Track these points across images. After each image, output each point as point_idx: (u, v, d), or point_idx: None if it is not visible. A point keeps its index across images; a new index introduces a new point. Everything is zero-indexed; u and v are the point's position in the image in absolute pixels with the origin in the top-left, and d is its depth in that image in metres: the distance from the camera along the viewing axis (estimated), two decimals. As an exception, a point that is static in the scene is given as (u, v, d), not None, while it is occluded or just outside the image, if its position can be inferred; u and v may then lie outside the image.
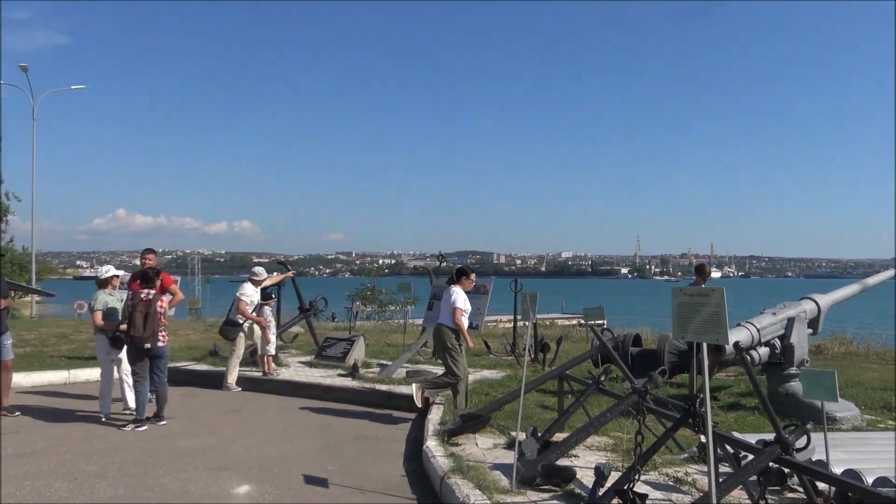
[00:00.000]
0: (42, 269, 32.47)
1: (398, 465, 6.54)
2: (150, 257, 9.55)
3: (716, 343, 3.97)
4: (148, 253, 9.57)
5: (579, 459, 6.17)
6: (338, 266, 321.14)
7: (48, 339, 14.60)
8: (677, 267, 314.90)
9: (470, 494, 4.95)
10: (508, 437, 6.92)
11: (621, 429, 7.26)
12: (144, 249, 9.67)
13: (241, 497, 5.49)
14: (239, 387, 10.58)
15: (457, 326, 8.13)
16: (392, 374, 10.78)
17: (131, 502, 5.31)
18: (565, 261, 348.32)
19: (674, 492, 5.30)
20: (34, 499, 5.32)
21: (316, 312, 14.55)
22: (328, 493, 5.61)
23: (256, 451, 6.97)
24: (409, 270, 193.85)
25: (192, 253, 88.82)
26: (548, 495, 5.13)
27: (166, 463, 6.43)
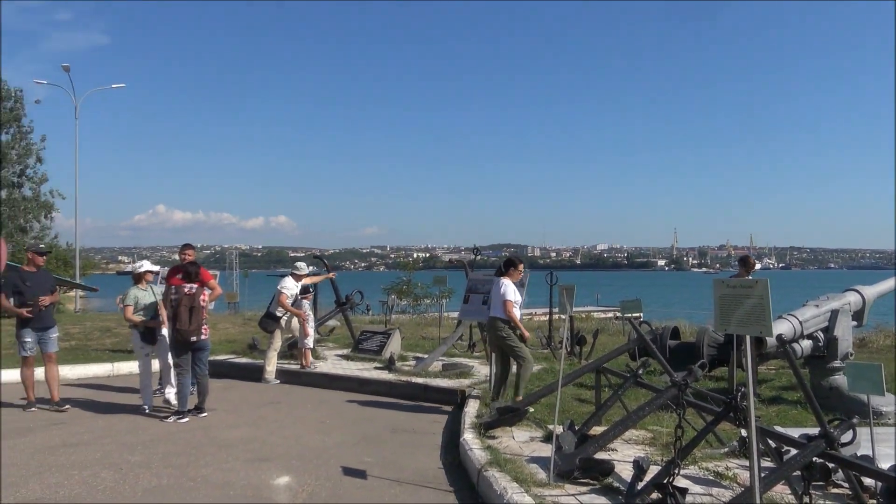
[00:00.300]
0: (85, 265, 33.24)
1: (435, 458, 6.57)
2: (190, 252, 9.57)
3: (759, 336, 3.89)
4: (187, 248, 9.62)
5: (617, 453, 6.12)
6: (372, 260, 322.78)
7: (92, 333, 14.96)
8: (715, 259, 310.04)
9: (507, 487, 4.95)
10: (545, 431, 6.90)
11: (659, 423, 7.19)
12: (183, 245, 9.73)
13: (281, 488, 5.57)
14: (277, 379, 10.72)
15: (509, 318, 8.08)
16: (428, 367, 10.82)
17: (175, 492, 5.41)
18: (601, 253, 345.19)
19: (714, 486, 5.23)
20: (81, 488, 5.46)
21: (352, 306, 14.66)
22: (366, 485, 5.65)
23: (295, 442, 7.06)
24: (443, 264, 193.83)
25: (230, 248, 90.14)
26: (586, 489, 5.10)
27: (208, 454, 6.54)
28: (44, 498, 5.21)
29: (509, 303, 8.09)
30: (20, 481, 5.59)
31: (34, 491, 5.37)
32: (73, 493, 5.32)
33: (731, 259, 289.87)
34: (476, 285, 9.91)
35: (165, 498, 5.26)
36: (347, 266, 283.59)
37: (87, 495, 5.29)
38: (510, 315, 8.07)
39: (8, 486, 5.45)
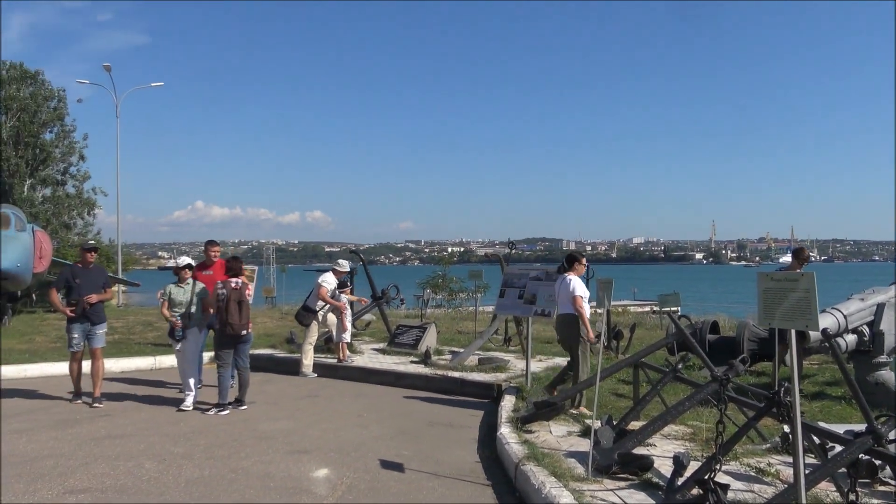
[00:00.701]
0: (127, 261, 33.89)
1: (472, 452, 6.58)
2: (216, 249, 9.60)
3: (804, 330, 3.81)
4: (212, 245, 9.61)
5: (656, 448, 6.06)
6: (407, 254, 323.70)
7: (135, 327, 15.28)
8: (755, 251, 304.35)
9: (545, 481, 4.93)
10: (583, 425, 6.86)
11: (699, 418, 7.10)
12: (208, 242, 9.70)
13: (320, 480, 5.62)
14: (315, 373, 10.83)
15: (579, 315, 7.93)
16: (464, 361, 10.83)
17: (217, 483, 5.50)
18: (637, 246, 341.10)
19: (756, 483, 5.15)
20: (127, 478, 5.58)
21: (388, 300, 14.72)
22: (404, 478, 5.68)
23: (334, 435, 7.12)
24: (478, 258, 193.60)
25: (267, 243, 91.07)
26: (625, 484, 5.06)
27: (248, 446, 6.64)
28: (91, 487, 5.34)
29: (579, 298, 7.91)
30: (68, 471, 5.74)
31: (81, 480, 5.50)
32: (118, 484, 5.44)
33: (770, 252, 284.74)
34: (512, 279, 9.89)
35: (208, 489, 5.35)
36: (382, 260, 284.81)
37: (132, 485, 5.40)
38: (580, 310, 7.89)
39: (56, 476, 5.60)
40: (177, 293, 8.59)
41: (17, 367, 10.77)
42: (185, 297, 8.57)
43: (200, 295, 8.61)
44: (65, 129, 31.01)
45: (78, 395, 8.77)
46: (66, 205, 30.75)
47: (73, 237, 30.16)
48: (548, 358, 11.70)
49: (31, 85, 30.07)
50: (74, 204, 31.15)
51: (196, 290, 8.63)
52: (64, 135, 31.02)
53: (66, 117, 31.03)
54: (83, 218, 31.82)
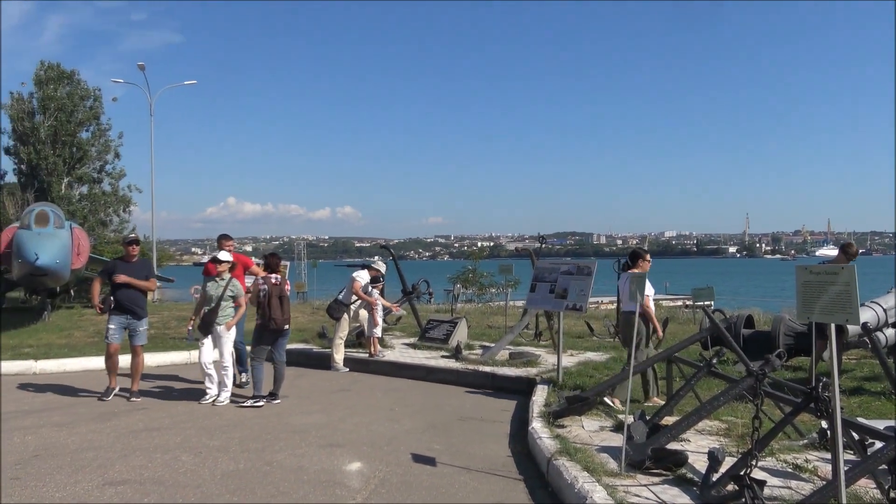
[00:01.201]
0: (162, 257, 34.43)
1: (504, 446, 6.58)
2: (229, 243, 9.42)
3: (844, 324, 3.74)
4: (226, 240, 9.42)
5: (690, 444, 6.00)
6: (437, 249, 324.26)
7: (169, 322, 15.52)
8: (790, 245, 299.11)
9: (578, 476, 4.91)
10: (615, 420, 6.82)
11: (734, 413, 7.01)
12: (221, 235, 9.53)
13: (353, 473, 5.67)
14: (346, 367, 10.90)
15: (644, 313, 7.77)
16: (495, 355, 10.83)
17: (252, 476, 5.57)
18: (668, 240, 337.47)
19: (793, 479, 5.07)
20: (164, 470, 5.68)
21: (419, 295, 14.75)
22: (436, 472, 5.70)
23: (366, 429, 7.17)
24: (507, 252, 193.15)
25: (298, 238, 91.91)
26: (658, 479, 5.02)
27: (282, 439, 6.72)
28: (130, 479, 5.44)
29: (646, 296, 7.72)
30: (107, 463, 5.86)
31: (120, 472, 5.61)
32: (156, 476, 5.54)
33: (806, 245, 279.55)
34: (543, 274, 9.84)
35: (243, 481, 5.42)
36: (412, 255, 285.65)
37: (170, 478, 5.50)
38: (646, 309, 7.76)
39: (96, 468, 5.72)
40: (211, 287, 8.59)
41: (56, 361, 11.00)
42: (217, 291, 8.52)
43: (234, 291, 8.57)
44: (101, 127, 31.54)
45: (110, 389, 8.68)
46: (102, 202, 31.31)
47: (109, 234, 30.68)
48: (579, 353, 11.64)
49: (67, 85, 30.63)
50: (110, 201, 31.70)
51: (229, 285, 8.57)
52: (100, 133, 31.57)
53: (101, 116, 31.55)
54: (119, 215, 32.37)
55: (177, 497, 5.06)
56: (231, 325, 8.50)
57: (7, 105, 29.73)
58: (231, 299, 8.52)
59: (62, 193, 29.31)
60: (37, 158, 29.09)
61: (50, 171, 29.31)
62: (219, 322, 8.41)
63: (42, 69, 30.26)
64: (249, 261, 9.87)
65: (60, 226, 14.89)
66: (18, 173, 30.63)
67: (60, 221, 15.05)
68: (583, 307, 9.12)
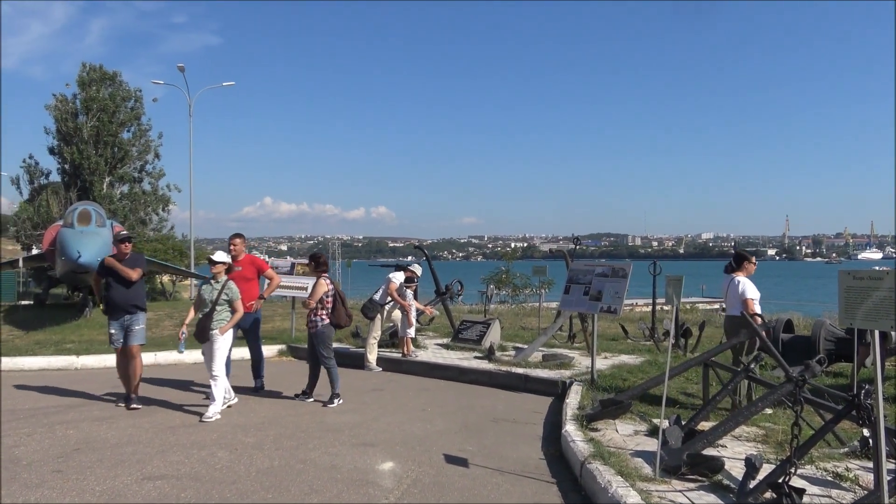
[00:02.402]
0: (199, 255, 35.00)
1: (536, 449, 6.55)
2: (238, 242, 8.89)
3: (889, 330, 3.65)
4: (235, 238, 8.91)
5: (727, 450, 5.91)
6: (470, 250, 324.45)
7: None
8: (832, 248, 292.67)
9: (612, 481, 4.87)
10: (650, 425, 6.74)
11: (772, 419, 6.89)
12: (232, 235, 8.99)
13: (385, 473, 5.69)
14: (379, 367, 10.95)
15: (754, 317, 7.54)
16: (528, 357, 10.79)
17: (286, 473, 5.63)
18: (705, 242, 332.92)
19: (833, 488, 4.96)
20: (201, 466, 5.77)
21: (452, 296, 14.76)
22: (468, 473, 5.70)
23: (399, 429, 7.20)
24: (541, 254, 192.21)
25: (332, 238, 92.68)
26: (694, 485, 4.95)
27: (315, 437, 6.77)
28: (167, 474, 5.54)
29: (750, 301, 7.59)
30: (146, 458, 5.97)
31: (158, 467, 5.71)
32: (193, 471, 5.63)
33: (849, 248, 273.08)
34: (577, 275, 9.78)
35: (277, 478, 5.48)
36: (445, 256, 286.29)
37: (206, 473, 5.58)
38: (753, 314, 7.51)
39: (135, 463, 5.83)
40: (205, 291, 7.88)
41: (97, 356, 11.25)
42: (211, 295, 7.79)
43: (229, 294, 7.80)
44: (141, 128, 32.21)
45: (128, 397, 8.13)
46: (142, 201, 31.96)
47: (148, 232, 31.30)
48: (613, 355, 11.54)
49: (109, 86, 31.34)
50: (150, 200, 32.33)
51: (226, 288, 7.81)
52: (140, 134, 32.23)
53: (142, 117, 32.24)
54: (158, 214, 33.04)
55: (213, 493, 5.14)
56: (225, 329, 7.73)
57: (51, 106, 30.51)
58: (227, 303, 7.80)
59: (104, 192, 29.97)
60: (80, 158, 29.81)
61: (92, 170, 30.00)
62: (213, 327, 7.68)
63: (85, 71, 30.99)
64: (264, 264, 9.40)
65: (102, 224, 15.23)
66: (62, 173, 31.43)
67: (102, 220, 15.40)
68: (617, 310, 9.04)
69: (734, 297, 7.73)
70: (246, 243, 9.12)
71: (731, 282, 7.83)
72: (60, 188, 31.01)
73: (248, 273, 8.82)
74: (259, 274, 9.06)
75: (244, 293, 8.38)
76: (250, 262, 9.01)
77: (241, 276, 8.58)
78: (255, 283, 8.96)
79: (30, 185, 32.96)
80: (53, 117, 30.63)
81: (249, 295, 8.69)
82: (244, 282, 8.61)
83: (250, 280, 8.86)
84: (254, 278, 8.94)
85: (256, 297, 8.92)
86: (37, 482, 5.33)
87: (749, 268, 7.93)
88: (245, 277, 8.70)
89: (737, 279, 7.78)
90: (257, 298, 8.94)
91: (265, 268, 9.18)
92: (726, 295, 7.94)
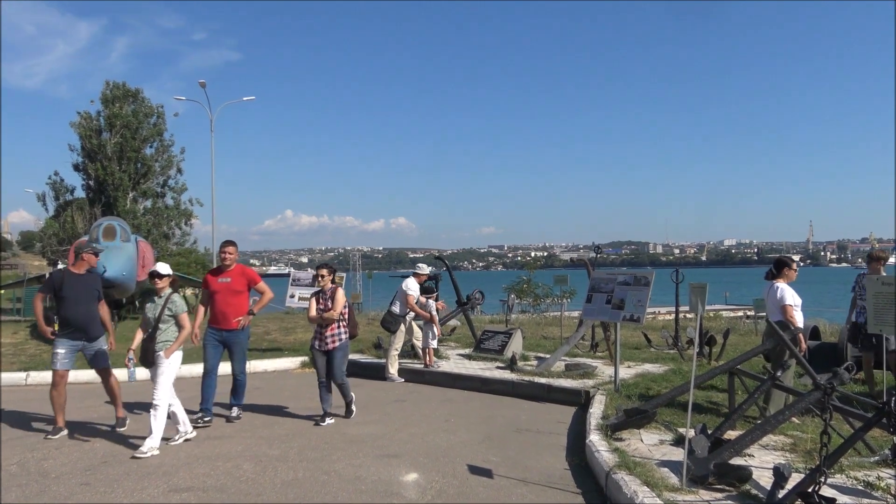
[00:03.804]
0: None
1: (561, 459, 6.51)
2: (230, 250, 8.13)
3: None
4: (226, 246, 8.17)
5: (754, 459, 5.84)
6: (490, 259, 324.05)
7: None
8: (857, 253, 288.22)
9: (638, 491, 4.82)
10: (675, 434, 6.68)
11: (800, 428, 6.80)
12: (224, 242, 8.31)
13: (409, 484, 5.69)
14: (401, 378, 10.95)
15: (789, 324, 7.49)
16: (551, 367, 10.74)
17: (311, 485, 5.64)
18: (728, 249, 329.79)
19: (864, 497, 4.88)
20: (226, 478, 5.80)
21: (473, 306, 14.75)
22: (493, 484, 5.67)
23: (422, 440, 7.19)
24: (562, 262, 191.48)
25: (353, 249, 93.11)
26: (721, 495, 4.90)
27: (339, 449, 6.78)
28: (193, 486, 5.58)
29: (789, 307, 7.50)
30: (172, 470, 6.01)
31: (184, 480, 5.76)
32: (218, 483, 5.67)
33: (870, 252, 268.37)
34: (599, 284, 9.74)
35: (302, 490, 5.50)
36: (465, 266, 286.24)
37: (232, 486, 5.61)
38: (791, 320, 7.46)
39: (161, 475, 5.87)
40: (149, 308, 7.00)
41: (125, 370, 11.31)
42: (154, 312, 6.94)
43: (173, 309, 6.92)
44: (164, 143, 32.65)
45: (58, 428, 7.27)
46: (165, 216, 32.35)
47: (171, 246, 31.65)
48: (637, 364, 11.46)
49: (132, 103, 31.81)
50: (173, 214, 32.72)
51: (169, 302, 6.91)
52: (163, 149, 32.66)
53: (164, 132, 32.67)
54: (181, 228, 33.44)
55: (238, 505, 5.16)
56: (171, 350, 6.80)
57: (76, 123, 31.01)
58: (171, 319, 6.91)
59: (128, 208, 30.36)
60: (104, 174, 30.25)
61: (116, 186, 30.42)
62: (157, 349, 6.81)
63: (108, 88, 31.49)
64: (256, 275, 8.43)
65: (126, 239, 15.42)
66: (87, 189, 31.89)
67: (126, 235, 15.59)
68: (640, 318, 8.98)
69: (773, 304, 7.67)
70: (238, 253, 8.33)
71: (771, 288, 7.77)
72: (85, 204, 31.47)
73: (237, 285, 8.10)
74: (250, 287, 8.28)
75: (233, 307, 8.00)
76: (241, 274, 8.20)
77: (229, 289, 8.04)
78: (244, 297, 8.24)
79: (55, 202, 33.49)
80: (78, 134, 31.13)
81: (238, 309, 8.08)
82: (233, 295, 8.06)
83: (240, 293, 8.15)
84: (244, 291, 8.20)
85: (245, 312, 8.17)
86: (66, 495, 5.39)
87: (790, 274, 7.85)
88: (234, 290, 8.08)
89: (776, 285, 7.71)
90: (246, 314, 8.16)
91: (257, 280, 8.34)
92: (766, 301, 7.87)
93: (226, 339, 8.09)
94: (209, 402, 7.98)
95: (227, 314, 8.03)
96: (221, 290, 8.03)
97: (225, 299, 8.03)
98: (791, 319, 7.44)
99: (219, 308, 8.07)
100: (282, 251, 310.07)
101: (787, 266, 7.86)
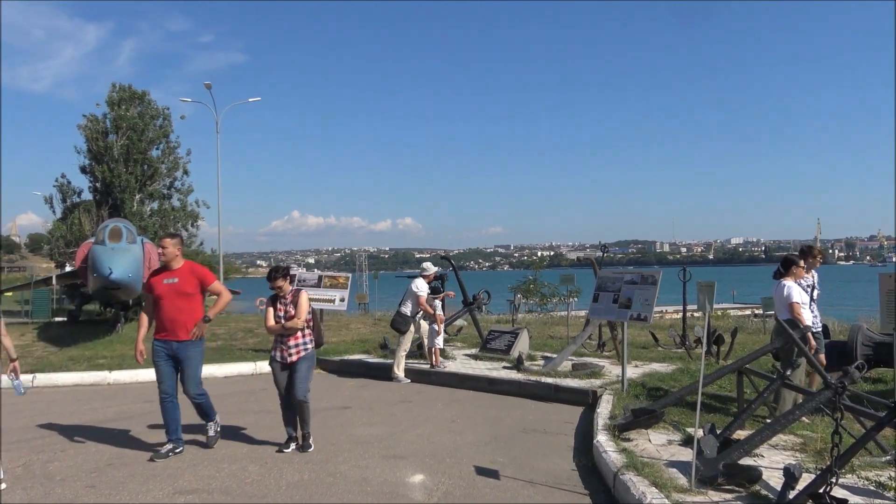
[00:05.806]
0: (228, 269, 35.38)
1: (568, 460, 6.46)
2: (166, 242, 6.75)
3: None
4: (166, 238, 6.81)
5: (764, 459, 5.78)
6: (497, 259, 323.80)
7: (236, 334, 15.86)
8: (865, 250, 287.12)
9: (646, 492, 4.77)
10: (683, 434, 6.62)
11: (810, 427, 6.73)
12: (164, 235, 7.29)
13: (416, 485, 5.65)
14: (408, 378, 10.92)
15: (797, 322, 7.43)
16: (557, 366, 10.69)
17: (316, 487, 5.61)
18: (735, 247, 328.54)
19: (876, 497, 4.82)
20: (231, 480, 5.77)
21: (480, 306, 14.70)
22: (499, 485, 5.63)
23: (428, 441, 7.15)
24: (568, 262, 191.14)
25: (359, 250, 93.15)
26: (731, 496, 4.84)
27: (345, 450, 6.75)
28: (199, 488, 5.55)
29: (796, 305, 7.43)
30: (177, 472, 5.99)
31: (190, 482, 5.73)
32: (224, 485, 5.64)
33: (883, 250, 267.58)
34: (606, 283, 9.68)
35: (307, 492, 5.47)
36: (472, 266, 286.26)
37: (237, 488, 5.58)
38: (798, 318, 7.40)
39: (167, 477, 5.85)
40: None
41: (129, 372, 11.37)
42: None
43: None
44: (170, 145, 32.55)
45: None
46: (171, 217, 32.34)
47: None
48: (644, 363, 11.39)
49: (138, 105, 31.85)
50: (179, 216, 32.67)
51: None
52: (169, 151, 32.59)
53: (170, 134, 32.68)
54: (187, 229, 33.37)
55: (243, 507, 5.13)
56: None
57: (83, 126, 31.08)
58: None
59: (134, 210, 30.35)
60: (111, 176, 30.22)
61: (123, 188, 30.40)
62: None
63: (114, 91, 31.55)
64: (209, 274, 6.85)
65: (133, 241, 15.41)
66: (94, 191, 31.93)
67: (133, 237, 15.58)
68: (648, 317, 8.93)
69: (781, 302, 7.62)
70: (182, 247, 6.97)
71: (778, 286, 7.73)
72: (92, 206, 31.46)
73: (187, 287, 6.63)
74: (203, 288, 6.80)
75: (185, 313, 6.58)
76: (190, 273, 6.73)
77: (177, 291, 6.60)
78: (197, 301, 6.72)
79: (62, 204, 33.53)
80: (84, 136, 31.18)
81: (191, 316, 6.62)
82: (183, 298, 6.60)
83: (191, 296, 6.66)
84: (195, 293, 6.71)
85: (199, 320, 6.64)
86: (70, 497, 5.38)
87: (797, 272, 7.80)
88: (184, 293, 6.61)
89: (783, 283, 7.67)
90: (200, 321, 6.63)
91: (210, 280, 6.85)
92: (774, 300, 7.84)
93: (176, 352, 6.58)
94: (177, 432, 6.69)
95: (177, 322, 6.57)
96: (168, 294, 6.58)
97: (173, 304, 6.57)
98: (798, 316, 7.37)
99: (167, 315, 6.59)
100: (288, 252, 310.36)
101: (794, 264, 7.81)
